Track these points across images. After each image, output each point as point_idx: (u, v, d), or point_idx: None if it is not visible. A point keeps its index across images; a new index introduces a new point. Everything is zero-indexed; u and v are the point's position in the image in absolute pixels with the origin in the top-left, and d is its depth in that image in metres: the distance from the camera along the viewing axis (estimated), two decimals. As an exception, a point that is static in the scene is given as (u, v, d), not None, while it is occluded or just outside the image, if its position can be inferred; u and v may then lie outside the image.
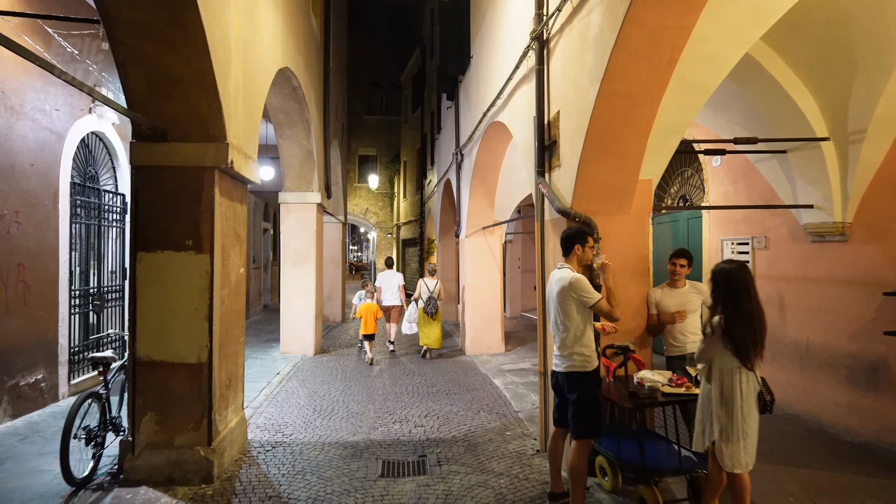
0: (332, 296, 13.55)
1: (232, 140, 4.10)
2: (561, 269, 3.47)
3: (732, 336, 2.76)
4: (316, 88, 8.80)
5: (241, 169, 4.30)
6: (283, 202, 8.99)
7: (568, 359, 3.36)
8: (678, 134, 4.01)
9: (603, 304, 3.32)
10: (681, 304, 4.04)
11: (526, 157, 5.22)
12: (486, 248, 9.33)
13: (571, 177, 4.03)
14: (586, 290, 3.30)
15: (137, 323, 3.90)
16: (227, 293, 4.26)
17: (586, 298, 3.29)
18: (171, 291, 3.91)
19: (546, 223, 4.60)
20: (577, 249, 3.48)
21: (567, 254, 3.51)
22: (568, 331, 3.35)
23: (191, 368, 3.93)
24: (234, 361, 4.49)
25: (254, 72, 4.78)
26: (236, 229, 4.49)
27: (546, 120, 4.56)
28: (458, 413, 5.82)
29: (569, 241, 3.50)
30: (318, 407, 6.00)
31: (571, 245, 3.49)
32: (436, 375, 7.59)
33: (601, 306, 3.31)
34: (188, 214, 3.94)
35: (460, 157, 9.51)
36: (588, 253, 3.50)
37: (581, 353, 3.34)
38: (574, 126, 3.96)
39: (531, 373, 7.57)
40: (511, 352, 9.28)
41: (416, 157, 19.27)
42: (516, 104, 5.59)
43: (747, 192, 5.92)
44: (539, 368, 4.72)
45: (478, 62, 7.96)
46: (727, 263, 2.94)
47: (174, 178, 3.94)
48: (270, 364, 8.18)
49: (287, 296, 8.96)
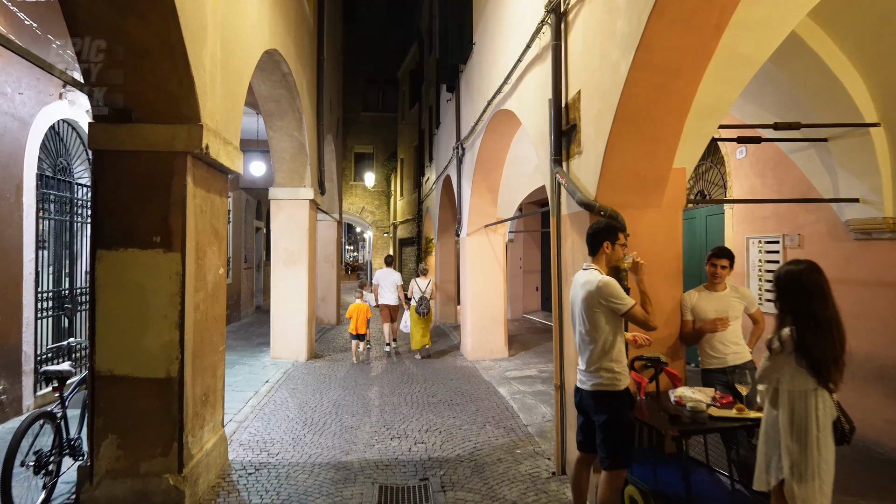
0: (327, 297, 13.03)
1: (207, 122, 3.58)
2: (587, 271, 2.97)
3: (808, 351, 2.26)
4: (308, 78, 8.29)
5: (219, 156, 3.78)
6: (273, 198, 8.46)
7: (595, 375, 2.87)
8: (717, 116, 3.52)
9: (637, 310, 2.83)
10: (721, 309, 3.54)
11: (538, 146, 4.73)
12: (489, 247, 8.83)
13: (595, 165, 3.53)
14: (618, 296, 2.80)
15: (97, 332, 3.38)
16: (202, 297, 3.74)
17: (618, 305, 2.80)
18: (135, 295, 3.39)
19: (563, 218, 4.10)
20: (606, 247, 2.98)
21: (594, 252, 3.01)
22: (595, 343, 2.85)
23: (159, 384, 3.41)
24: (211, 374, 3.97)
25: (235, 49, 4.26)
26: (214, 225, 3.97)
27: (564, 102, 4.06)
28: (463, 427, 5.31)
29: (596, 238, 3.00)
30: (309, 420, 5.48)
31: (599, 242, 2.99)
32: (436, 383, 7.08)
33: (636, 313, 2.82)
34: (156, 207, 3.42)
35: (461, 151, 9.01)
36: (618, 251, 3.01)
37: (610, 370, 2.84)
38: (599, 107, 3.46)
39: (538, 381, 7.08)
40: (515, 357, 8.78)
41: (414, 154, 18.77)
42: (526, 88, 5.09)
43: (777, 187, 5.44)
44: (555, 381, 4.22)
45: (481, 49, 7.46)
46: (794, 264, 2.44)
47: (140, 164, 3.42)
48: (259, 371, 7.65)
49: (277, 297, 8.43)
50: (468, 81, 8.49)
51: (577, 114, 3.84)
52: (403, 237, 20.81)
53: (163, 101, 3.36)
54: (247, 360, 8.42)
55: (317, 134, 9.02)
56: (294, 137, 8.07)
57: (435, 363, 8.50)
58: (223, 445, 4.21)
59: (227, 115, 4.06)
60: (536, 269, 13.96)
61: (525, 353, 9.03)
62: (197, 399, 3.69)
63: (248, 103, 9.83)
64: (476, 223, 8.71)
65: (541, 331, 11.50)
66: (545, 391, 6.51)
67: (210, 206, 3.89)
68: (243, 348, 9.45)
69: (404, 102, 21.12)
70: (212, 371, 3.99)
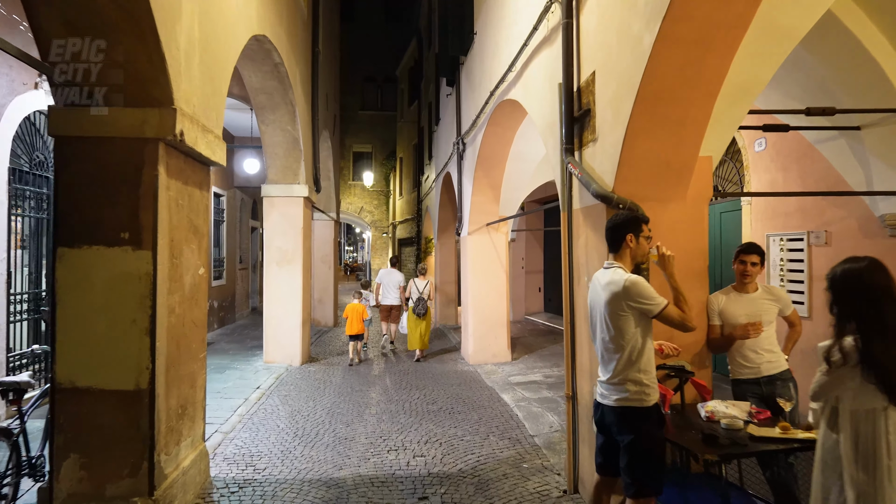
0: (324, 298, 12.66)
1: (182, 106, 3.23)
2: (610, 270, 2.61)
3: (877, 363, 1.91)
4: (302, 70, 7.93)
5: (197, 144, 3.43)
6: (265, 195, 8.10)
7: (619, 389, 2.51)
8: (749, 98, 3.18)
9: (672, 310, 2.48)
10: (753, 313, 3.18)
11: (546, 135, 4.38)
12: (491, 246, 8.47)
13: (613, 153, 3.18)
14: (648, 295, 2.45)
15: (57, 339, 3.02)
16: (178, 300, 3.39)
17: (650, 306, 2.45)
18: (100, 298, 3.04)
19: (575, 213, 3.75)
20: (630, 241, 2.62)
21: (616, 248, 2.66)
22: (621, 351, 2.50)
23: (127, 397, 3.05)
24: (189, 384, 3.62)
25: (218, 30, 3.91)
26: (193, 220, 3.62)
27: (576, 85, 3.71)
28: (465, 438, 4.96)
29: (617, 232, 2.65)
30: (301, 430, 5.13)
31: (622, 236, 2.63)
32: (436, 389, 6.72)
33: (670, 314, 2.47)
34: (124, 200, 3.07)
35: (462, 146, 8.66)
36: (644, 245, 2.65)
37: (637, 382, 2.49)
38: (617, 88, 3.11)
39: (544, 386, 6.72)
40: (518, 361, 8.42)
41: (413, 152, 18.42)
42: (533, 75, 4.74)
43: (801, 180, 5.09)
44: (567, 391, 3.87)
45: (482, 38, 7.11)
46: (852, 262, 2.10)
47: (106, 152, 3.06)
48: (251, 376, 7.29)
49: (270, 300, 8.07)
50: (469, 73, 8.14)
51: (591, 97, 3.49)
52: (403, 237, 20.46)
53: (130, 81, 3.01)
54: (239, 364, 8.07)
55: (311, 129, 8.67)
56: (287, 132, 7.71)
57: (435, 367, 8.14)
58: (204, 461, 3.85)
59: (207, 101, 3.71)
60: (539, 269, 13.61)
61: (529, 357, 8.68)
62: (172, 412, 3.33)
63: (240, 97, 9.50)
64: (477, 222, 8.36)
65: (544, 333, 11.14)
66: (552, 398, 6.16)
67: (188, 199, 3.54)
68: (236, 352, 9.10)
69: (403, 100, 20.79)
70: (190, 381, 3.63)
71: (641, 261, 2.68)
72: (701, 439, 2.49)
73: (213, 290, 11.44)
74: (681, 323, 2.49)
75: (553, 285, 13.10)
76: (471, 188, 8.15)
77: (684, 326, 2.51)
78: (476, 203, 8.20)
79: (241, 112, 11.02)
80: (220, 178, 11.87)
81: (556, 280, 12.89)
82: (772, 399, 3.05)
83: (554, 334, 10.89)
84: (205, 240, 3.86)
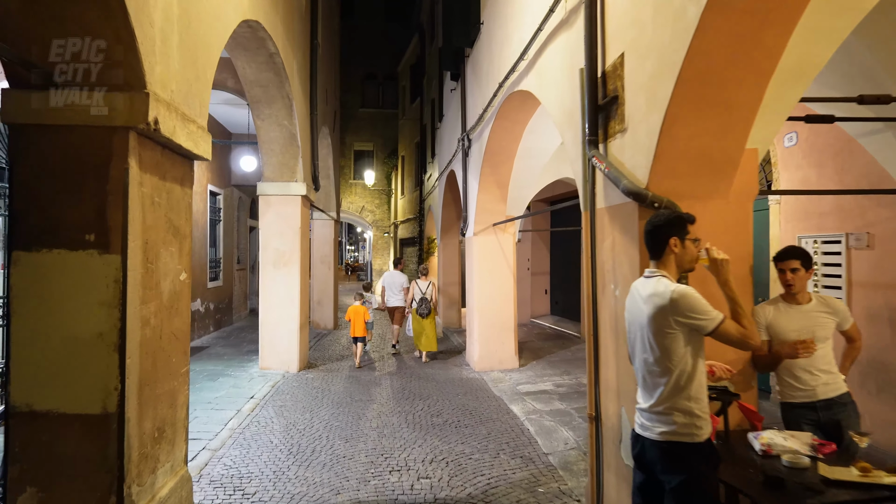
0: (323, 300, 12.27)
1: (157, 91, 2.85)
2: (652, 279, 2.22)
3: None
4: (300, 62, 7.55)
5: (176, 135, 3.04)
6: (261, 194, 7.71)
7: (664, 420, 2.12)
8: (803, 82, 2.78)
9: (731, 325, 2.08)
10: (805, 328, 2.79)
11: (564, 127, 3.98)
12: (497, 247, 8.08)
13: (647, 143, 2.79)
14: (701, 309, 2.06)
15: (12, 356, 2.64)
16: (153, 310, 3.00)
17: (703, 321, 2.06)
18: (62, 309, 2.66)
19: (600, 213, 3.36)
20: (674, 245, 2.23)
21: (659, 254, 2.27)
22: (668, 375, 2.11)
23: (92, 422, 2.67)
24: (168, 403, 3.23)
25: (201, 9, 3.52)
26: (172, 220, 3.23)
27: (601, 70, 3.32)
28: (473, 456, 4.57)
29: (659, 235, 2.25)
30: (296, 447, 4.74)
31: (664, 240, 2.24)
32: (441, 399, 6.33)
33: (728, 330, 2.07)
34: (89, 197, 2.69)
35: (467, 142, 8.26)
36: (691, 249, 2.26)
37: (687, 412, 2.10)
38: (653, 69, 2.72)
39: (555, 397, 6.33)
40: (526, 367, 8.03)
41: (415, 150, 18.04)
42: (548, 62, 4.35)
43: (838, 177, 4.69)
44: (589, 411, 3.48)
45: (490, 28, 6.72)
46: None
47: (68, 142, 2.68)
48: (245, 384, 6.91)
49: (267, 303, 7.68)
50: (475, 66, 7.75)
51: (618, 83, 3.10)
52: (404, 237, 20.06)
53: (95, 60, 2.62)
54: (233, 370, 7.69)
55: (310, 124, 8.29)
56: (284, 127, 7.33)
57: (439, 373, 7.76)
58: (185, 488, 3.47)
59: (189, 88, 3.32)
60: (545, 270, 13.21)
61: (537, 364, 8.28)
62: (146, 437, 2.95)
63: (236, 91, 9.12)
64: (484, 221, 7.96)
65: (552, 337, 10.75)
66: (565, 410, 5.76)
67: (166, 197, 3.15)
68: (231, 357, 8.72)
69: (405, 98, 20.41)
70: (169, 400, 3.25)
71: (689, 267, 2.29)
72: (762, 482, 2.09)
73: (209, 292, 11.07)
74: (740, 340, 2.09)
75: (560, 287, 12.71)
76: (476, 186, 7.76)
77: (745, 344, 2.10)
78: (482, 202, 7.81)
79: (237, 108, 10.65)
80: (216, 176, 11.49)
81: (562, 282, 12.50)
82: (831, 427, 2.67)
83: (562, 339, 10.50)
84: (187, 242, 3.48)
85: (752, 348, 2.15)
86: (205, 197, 10.76)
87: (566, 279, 12.14)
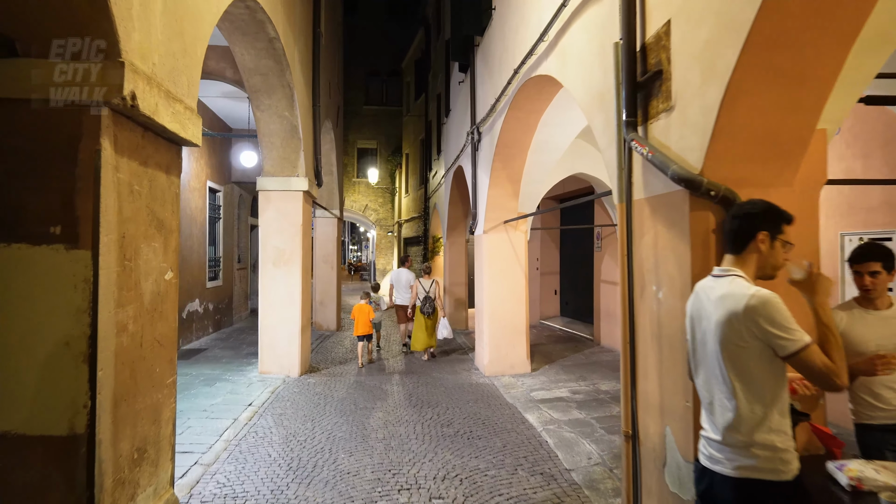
0: (326, 301, 11.90)
1: (135, 61, 2.47)
2: (725, 279, 1.83)
3: None
4: (301, 50, 7.17)
5: (158, 114, 2.67)
6: (261, 189, 7.33)
7: (741, 453, 1.73)
8: (887, 48, 2.39)
9: (815, 354, 1.68)
10: (886, 337, 2.39)
11: (593, 110, 3.59)
12: (509, 246, 7.70)
13: (702, 123, 2.40)
14: (784, 324, 1.68)
15: (-36, 368, 2.27)
16: (132, 314, 2.63)
17: (784, 340, 1.67)
18: (22, 314, 2.29)
19: (638, 204, 2.97)
20: (762, 241, 1.84)
21: (740, 248, 1.87)
22: (741, 398, 1.72)
23: (58, 445, 2.30)
24: (150, 419, 2.86)
25: (191, -24, 3.15)
26: (155, 212, 2.86)
27: (640, 42, 2.93)
28: (489, 472, 4.19)
29: (747, 226, 1.85)
30: (296, 461, 4.37)
31: (752, 233, 1.84)
32: (451, 407, 5.95)
33: (811, 358, 1.67)
34: (55, 183, 2.32)
35: (477, 135, 7.88)
36: (779, 253, 1.86)
37: (769, 446, 1.71)
38: (711, 34, 2.33)
39: (573, 405, 5.94)
40: (538, 372, 7.64)
41: (420, 147, 17.66)
42: (573, 41, 3.97)
43: (888, 168, 4.30)
44: (624, 428, 3.10)
45: (503, 13, 6.33)
46: None
47: (29, 119, 2.31)
48: (243, 390, 6.54)
49: (266, 304, 7.30)
50: (486, 55, 7.36)
51: (664, 55, 2.71)
52: (409, 236, 19.69)
53: (60, 22, 2.25)
54: (231, 374, 7.32)
55: (312, 116, 7.91)
56: (285, 118, 6.96)
57: (447, 378, 7.37)
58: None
59: (175, 62, 2.95)
60: (555, 270, 12.81)
61: (550, 368, 7.89)
62: (123, 459, 2.58)
63: (235, 82, 8.76)
64: (494, 219, 7.58)
65: (563, 339, 10.36)
66: (584, 420, 5.37)
67: (148, 185, 2.78)
68: (230, 360, 8.35)
69: (409, 94, 20.05)
70: (152, 415, 2.88)
71: (769, 274, 1.89)
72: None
73: (208, 292, 10.72)
74: (824, 374, 1.67)
75: (570, 288, 12.32)
76: (487, 181, 7.38)
77: (828, 381, 1.68)
78: (493, 198, 7.43)
79: (238, 101, 10.30)
80: (215, 173, 11.14)
81: (572, 282, 12.10)
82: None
83: (574, 341, 10.10)
84: (174, 237, 3.10)
85: (836, 388, 1.71)
86: (204, 193, 10.40)
87: (577, 279, 11.75)
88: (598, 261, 10.04)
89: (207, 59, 8.58)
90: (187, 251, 9.56)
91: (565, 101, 5.85)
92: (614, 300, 9.44)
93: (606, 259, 9.76)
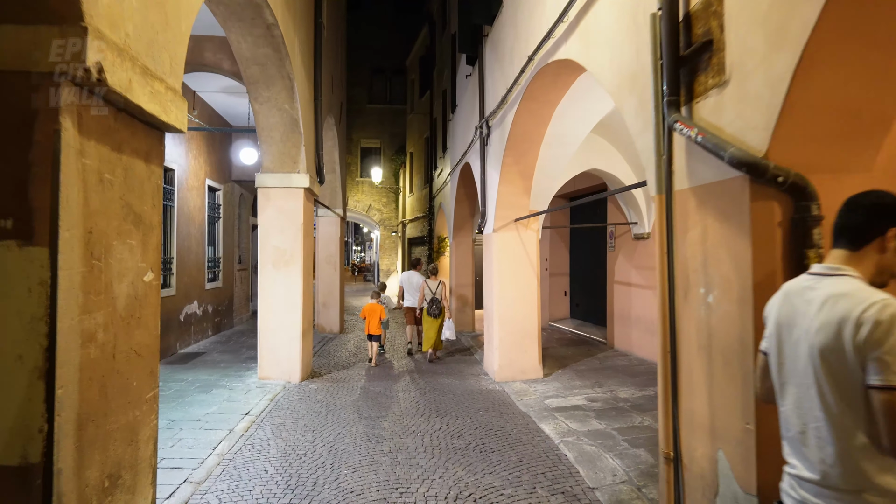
0: (329, 302, 11.56)
1: (103, 28, 2.13)
2: (832, 278, 1.47)
3: None
4: (302, 40, 6.83)
5: (132, 91, 2.32)
6: (260, 186, 6.99)
7: (853, 499, 1.36)
8: None
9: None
10: None
11: (624, 92, 3.22)
12: (520, 245, 7.35)
13: (768, 97, 2.03)
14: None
15: None
16: (102, 321, 2.28)
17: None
18: (-35, 322, 1.94)
19: (681, 196, 2.61)
20: (891, 239, 1.46)
21: (858, 244, 1.49)
22: (851, 430, 1.36)
23: (8, 477, 1.95)
24: (125, 440, 2.51)
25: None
26: (132, 205, 2.51)
27: (684, 11, 2.57)
28: (505, 491, 3.83)
29: (876, 218, 1.48)
30: (294, 478, 4.02)
31: (881, 227, 1.47)
32: (461, 417, 5.58)
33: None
34: (4, 168, 1.97)
35: (486, 129, 7.52)
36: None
37: (886, 491, 1.34)
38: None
39: (591, 414, 5.57)
40: (551, 378, 7.27)
41: (424, 146, 17.32)
42: (597, 18, 3.61)
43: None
44: (664, 449, 2.73)
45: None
46: None
47: (-24, 94, 1.97)
48: (241, 397, 6.20)
49: (266, 306, 6.96)
50: (496, 45, 7.00)
51: (714, 22, 2.35)
52: (413, 236, 19.34)
53: (10, -21, 1.91)
54: (229, 380, 6.98)
55: (313, 110, 7.57)
56: (285, 111, 6.62)
57: (455, 384, 7.01)
58: (151, 545, 2.75)
59: (154, 36, 2.60)
60: (564, 270, 12.43)
61: (562, 373, 7.52)
62: (90, 490, 2.23)
63: (233, 74, 8.41)
64: (504, 217, 7.22)
65: (574, 343, 9.99)
66: (605, 432, 5.00)
67: (122, 174, 2.43)
68: (228, 364, 8.02)
69: (413, 92, 19.73)
70: (128, 435, 2.53)
71: (885, 281, 1.51)
72: None
73: (207, 294, 10.39)
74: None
75: (580, 289, 11.93)
76: (497, 178, 7.02)
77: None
78: (503, 195, 7.07)
79: (237, 97, 9.97)
80: (215, 171, 10.82)
81: (583, 283, 11.72)
82: None
83: (586, 344, 9.73)
84: (154, 233, 2.75)
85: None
86: (202, 192, 10.08)
87: (588, 280, 11.36)
88: (612, 261, 9.66)
89: (204, 50, 8.25)
90: (185, 251, 9.23)
91: (581, 90, 5.49)
92: (629, 302, 9.06)
93: (620, 259, 9.39)
